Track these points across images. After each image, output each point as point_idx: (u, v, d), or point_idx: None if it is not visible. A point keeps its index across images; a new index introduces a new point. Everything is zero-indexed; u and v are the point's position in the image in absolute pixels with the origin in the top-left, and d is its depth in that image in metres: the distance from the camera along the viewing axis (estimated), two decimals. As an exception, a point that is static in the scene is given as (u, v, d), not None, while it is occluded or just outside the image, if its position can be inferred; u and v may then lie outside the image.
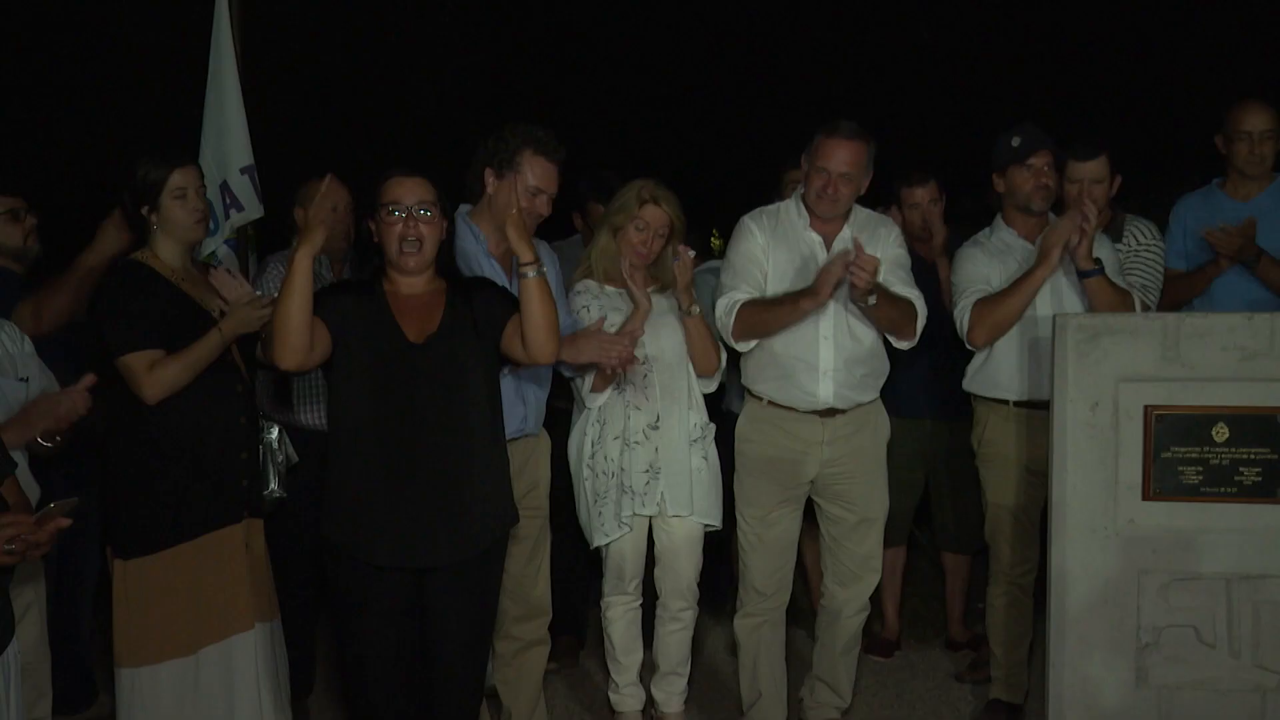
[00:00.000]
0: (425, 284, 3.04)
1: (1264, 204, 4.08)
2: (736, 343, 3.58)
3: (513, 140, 3.37)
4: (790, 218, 3.64)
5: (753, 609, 3.72)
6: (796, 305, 3.43)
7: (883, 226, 3.66)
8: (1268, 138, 4.05)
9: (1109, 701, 3.16)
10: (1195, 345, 3.05)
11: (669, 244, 3.61)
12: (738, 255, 3.62)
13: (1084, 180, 3.87)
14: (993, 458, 3.79)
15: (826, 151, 3.48)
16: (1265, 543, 3.07)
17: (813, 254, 3.58)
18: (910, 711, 4.03)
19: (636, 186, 3.61)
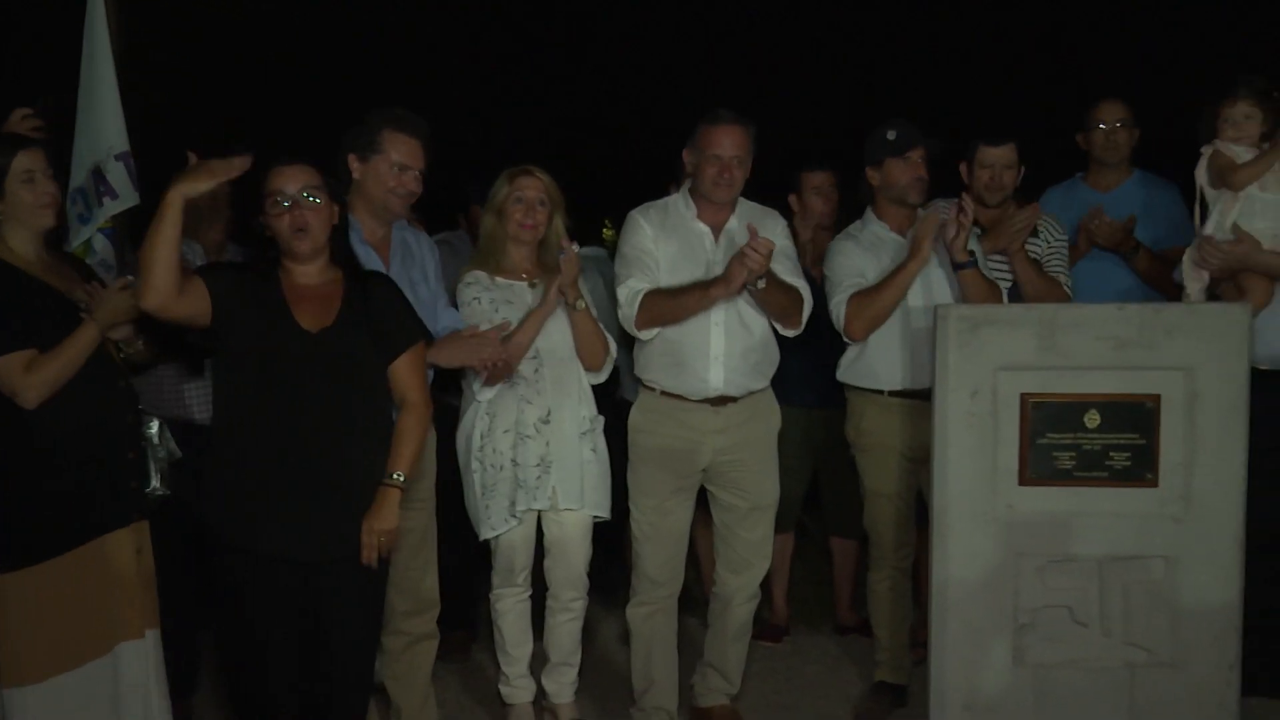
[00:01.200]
0: (321, 273, 3.00)
1: (1124, 196, 4.28)
2: (640, 331, 3.59)
3: (373, 123, 3.37)
4: (678, 210, 3.67)
5: (646, 597, 3.74)
6: (707, 293, 3.47)
7: (768, 218, 3.70)
8: (1122, 128, 4.30)
9: (988, 681, 3.26)
10: (1070, 335, 3.15)
11: (552, 220, 3.61)
12: (630, 248, 3.63)
13: (995, 165, 4.00)
14: (871, 447, 3.86)
15: (715, 139, 3.53)
16: (1135, 525, 3.19)
17: (701, 245, 3.62)
18: (799, 695, 4.10)
19: (505, 170, 3.65)
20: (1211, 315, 3.15)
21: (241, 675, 3.00)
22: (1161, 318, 3.12)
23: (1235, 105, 3.68)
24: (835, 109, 10.08)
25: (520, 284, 3.63)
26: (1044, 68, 10.78)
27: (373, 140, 3.36)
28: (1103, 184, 4.39)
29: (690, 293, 3.50)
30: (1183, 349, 3.12)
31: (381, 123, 3.37)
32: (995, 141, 4.00)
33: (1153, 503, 3.17)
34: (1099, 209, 4.22)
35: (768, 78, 11.60)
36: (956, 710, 3.28)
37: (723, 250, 3.60)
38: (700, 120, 3.60)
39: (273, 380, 2.87)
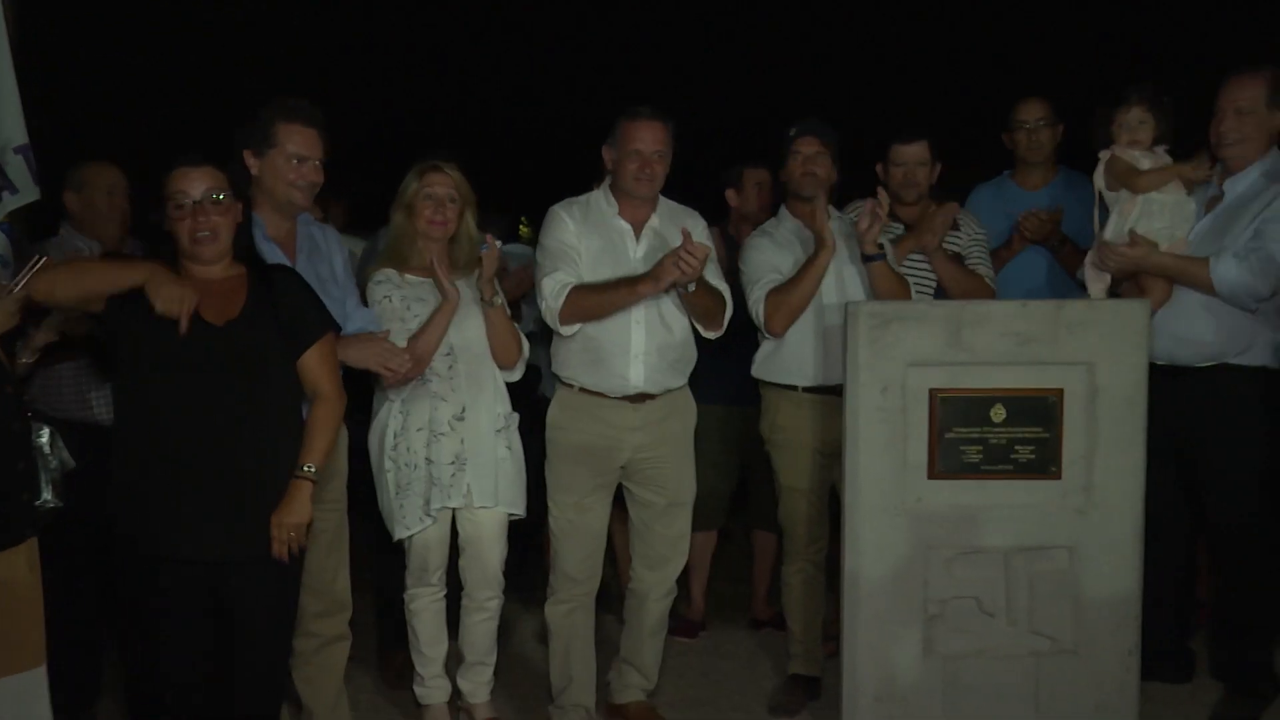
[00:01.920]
0: (224, 270, 2.93)
1: (1051, 193, 4.37)
2: (562, 325, 3.57)
3: (265, 116, 3.29)
4: (600, 207, 3.67)
5: (565, 595, 3.73)
6: (634, 290, 3.47)
7: (689, 218, 3.73)
8: (1043, 126, 4.39)
9: (899, 671, 3.32)
10: (976, 331, 3.23)
11: (463, 216, 3.59)
12: (554, 242, 3.62)
13: (908, 163, 4.05)
14: (785, 443, 3.90)
15: (635, 134, 3.55)
16: (1039, 516, 3.28)
17: (623, 243, 3.63)
18: (715, 690, 4.13)
19: (414, 166, 3.61)
20: (1111, 312, 3.25)
21: (147, 683, 2.92)
22: (1064, 314, 3.21)
23: (1129, 111, 3.79)
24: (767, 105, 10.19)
25: (431, 281, 3.60)
26: (991, 64, 10.99)
27: (266, 134, 3.28)
28: (1030, 182, 4.49)
29: (618, 288, 3.51)
30: (1084, 344, 3.21)
31: (274, 115, 3.29)
32: (907, 140, 4.06)
33: (1056, 495, 3.26)
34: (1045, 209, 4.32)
35: (689, 75, 11.68)
36: (868, 701, 3.34)
37: (644, 249, 3.62)
38: (619, 116, 3.60)
39: (176, 377, 2.80)
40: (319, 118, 3.34)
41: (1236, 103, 3.69)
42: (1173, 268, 3.72)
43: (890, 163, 4.08)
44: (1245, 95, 3.68)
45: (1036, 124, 4.41)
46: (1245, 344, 3.72)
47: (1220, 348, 3.74)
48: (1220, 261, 3.63)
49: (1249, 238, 3.63)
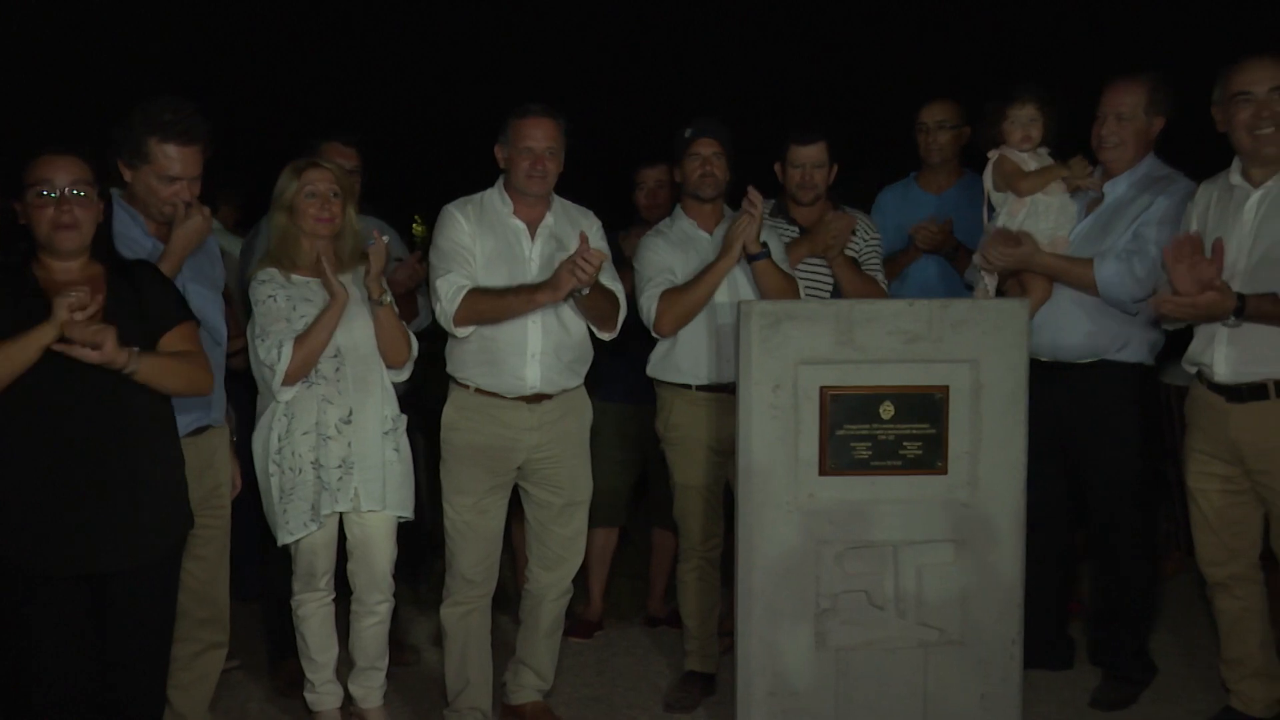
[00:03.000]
0: (83, 268, 2.82)
1: (954, 197, 4.45)
2: (456, 328, 3.54)
3: (138, 129, 3.14)
4: (494, 206, 3.65)
5: (461, 597, 3.70)
6: (532, 298, 3.46)
7: (585, 218, 3.72)
8: (944, 129, 4.46)
9: (792, 665, 3.36)
10: (865, 330, 3.27)
11: (346, 211, 3.52)
12: (448, 242, 3.58)
13: (806, 165, 4.07)
14: (679, 440, 3.92)
15: (526, 131, 3.52)
16: (927, 511, 3.34)
17: (518, 242, 3.61)
18: (611, 688, 4.13)
19: (290, 163, 3.53)
20: (993, 310, 3.32)
21: (24, 699, 2.81)
22: (948, 313, 3.28)
23: (1022, 109, 3.89)
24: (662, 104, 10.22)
25: (317, 280, 3.51)
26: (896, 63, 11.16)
27: (139, 148, 3.14)
28: (933, 185, 4.56)
29: (516, 295, 3.48)
30: (968, 342, 3.28)
31: (147, 129, 3.13)
32: (805, 141, 4.08)
33: (942, 489, 3.33)
34: (932, 219, 4.40)
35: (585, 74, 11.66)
36: (762, 695, 3.37)
37: (539, 248, 3.60)
38: (509, 114, 3.58)
39: (40, 383, 2.68)
40: (198, 131, 3.17)
41: (1117, 108, 3.81)
42: (1056, 268, 3.83)
43: (788, 163, 4.11)
44: (1125, 101, 3.80)
45: (938, 126, 4.47)
46: (1123, 341, 3.85)
47: (1100, 345, 3.86)
48: (1102, 262, 3.75)
49: (1128, 240, 3.75)
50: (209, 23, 11.36)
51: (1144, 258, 3.68)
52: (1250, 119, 3.34)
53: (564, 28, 12.04)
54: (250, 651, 4.22)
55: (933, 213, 4.42)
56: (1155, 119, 3.81)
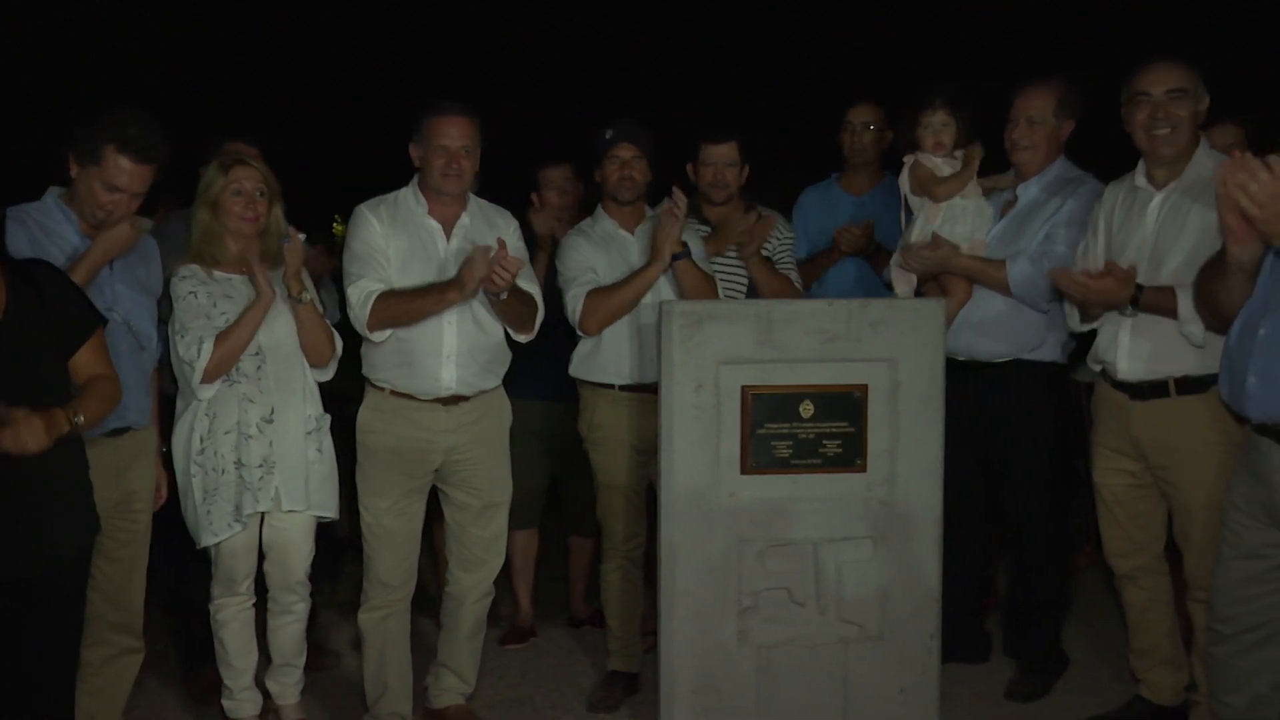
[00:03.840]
0: None
1: (875, 199, 4.50)
2: (371, 333, 3.51)
3: (99, 132, 3.11)
4: (408, 206, 3.61)
5: (379, 601, 3.66)
6: (442, 297, 3.43)
7: (501, 218, 3.71)
8: (868, 130, 4.51)
9: (714, 663, 3.37)
10: (785, 330, 3.30)
11: (272, 209, 3.48)
12: (360, 244, 3.55)
13: (717, 164, 4.09)
14: (603, 441, 3.92)
15: (441, 129, 3.50)
16: (846, 508, 3.38)
17: (433, 242, 3.59)
18: (534, 689, 4.12)
19: (216, 159, 3.49)
20: (910, 310, 3.37)
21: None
22: (867, 312, 3.32)
23: (934, 114, 3.95)
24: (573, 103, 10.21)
25: (239, 277, 3.48)
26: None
27: (94, 151, 3.11)
28: (855, 187, 4.60)
29: (427, 295, 3.46)
30: (886, 342, 3.32)
31: (107, 137, 3.10)
32: (717, 140, 4.10)
33: (861, 487, 3.37)
34: (852, 223, 4.45)
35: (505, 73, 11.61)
36: (685, 693, 3.39)
37: (455, 247, 3.57)
38: (423, 112, 3.55)
39: None
40: (157, 152, 3.16)
41: (1028, 112, 3.89)
42: (972, 269, 3.90)
43: (700, 162, 4.14)
44: (1035, 105, 3.88)
45: (863, 127, 4.52)
46: (1038, 341, 3.93)
47: (1015, 344, 3.94)
48: (1015, 263, 3.83)
49: (1040, 241, 3.83)
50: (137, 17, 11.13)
51: (1054, 258, 3.76)
52: (1147, 119, 3.44)
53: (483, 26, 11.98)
54: (165, 660, 4.13)
55: (852, 214, 4.48)
56: (1065, 122, 3.90)
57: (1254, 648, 3.03)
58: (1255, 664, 3.04)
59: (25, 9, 10.33)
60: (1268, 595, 2.98)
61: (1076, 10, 9.83)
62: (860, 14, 11.27)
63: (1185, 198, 3.42)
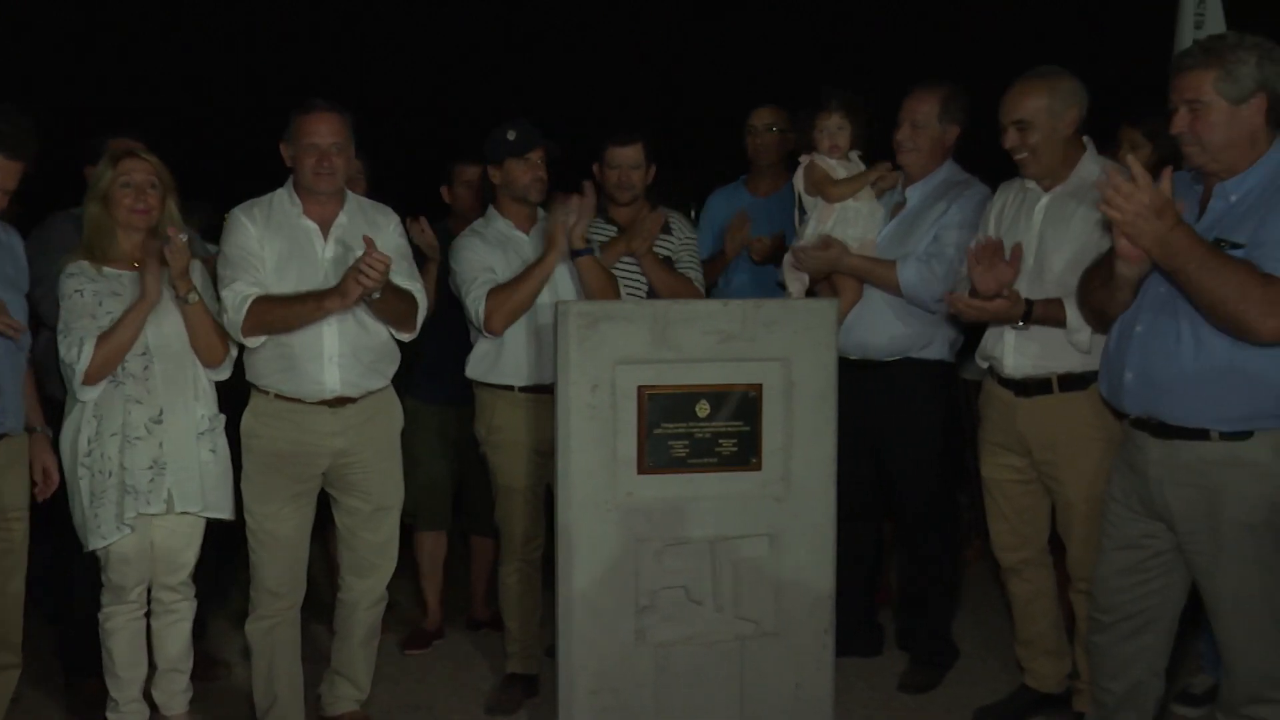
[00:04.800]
0: None
1: (779, 202, 4.53)
2: (246, 339, 3.43)
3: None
4: (283, 207, 3.54)
5: (266, 610, 3.58)
6: (321, 305, 3.37)
7: (381, 215, 3.64)
8: (769, 132, 4.57)
9: (613, 663, 3.37)
10: (681, 330, 3.31)
11: (165, 204, 3.41)
12: (234, 249, 3.46)
13: (623, 165, 4.10)
14: (502, 443, 3.90)
15: (311, 127, 3.44)
16: (742, 507, 3.40)
17: (310, 243, 3.52)
18: (432, 694, 4.08)
19: (107, 152, 3.41)
20: (803, 310, 3.41)
21: None
22: (761, 313, 3.35)
23: (829, 117, 4.02)
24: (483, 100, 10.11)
25: (130, 274, 3.40)
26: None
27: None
28: (760, 189, 4.65)
29: (304, 303, 3.39)
30: (780, 342, 3.36)
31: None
32: (623, 142, 4.11)
33: (756, 485, 3.39)
34: (742, 214, 4.48)
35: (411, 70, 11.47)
36: (583, 694, 3.38)
37: (333, 249, 3.51)
38: (293, 111, 3.48)
39: None
40: (26, 149, 3.12)
41: (912, 116, 3.97)
42: (863, 269, 3.97)
43: (605, 164, 4.14)
44: (920, 110, 3.97)
45: (765, 129, 4.57)
46: (927, 340, 4.02)
47: (905, 343, 4.03)
48: (905, 264, 3.91)
49: (929, 242, 3.92)
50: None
51: (942, 260, 3.85)
52: (1008, 144, 3.54)
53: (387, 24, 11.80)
54: (48, 671, 3.99)
55: (752, 215, 4.52)
56: (949, 127, 3.99)
57: (1132, 635, 3.14)
58: (1133, 651, 3.16)
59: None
60: (1145, 584, 3.10)
61: (987, 14, 10.05)
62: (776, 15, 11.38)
63: (1070, 201, 3.52)
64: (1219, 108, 2.81)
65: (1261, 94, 2.82)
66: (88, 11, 10.89)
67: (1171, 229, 2.69)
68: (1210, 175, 2.91)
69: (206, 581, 3.77)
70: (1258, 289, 2.67)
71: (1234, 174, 2.87)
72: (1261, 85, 2.81)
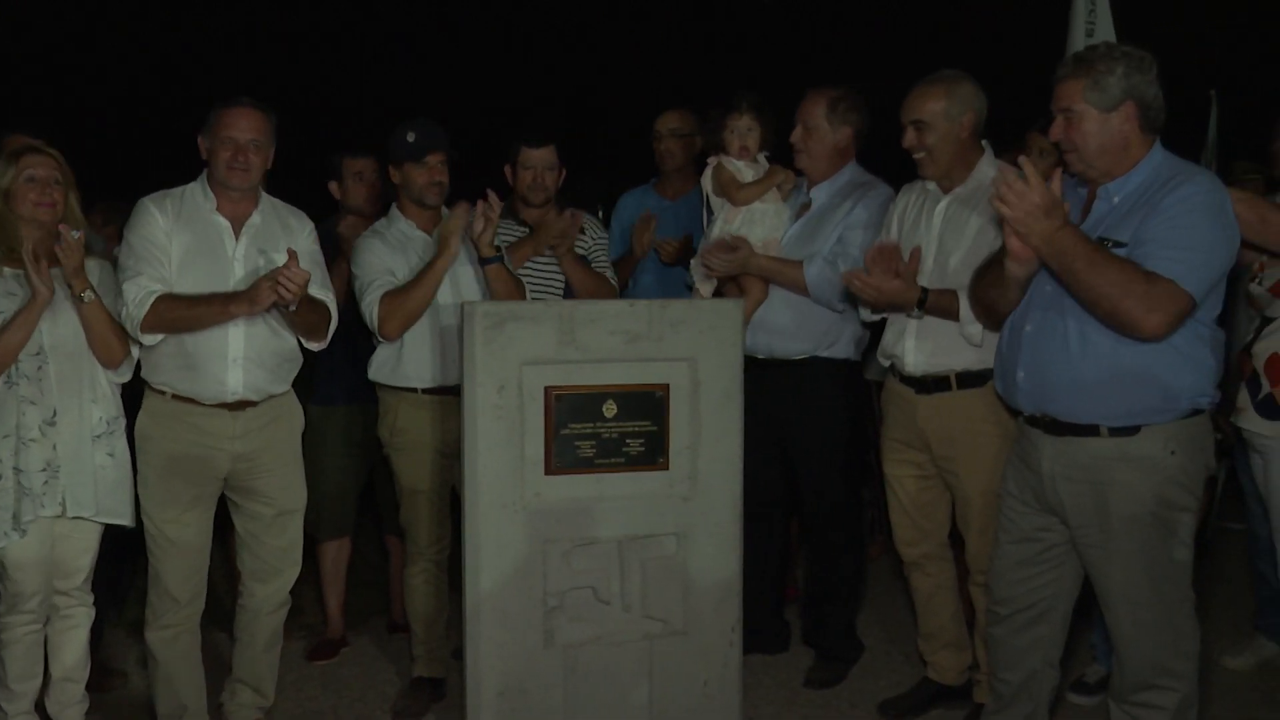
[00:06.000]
0: None
1: (691, 203, 4.57)
2: (143, 336, 3.34)
3: None
4: (195, 201, 3.47)
5: (169, 620, 3.49)
6: (225, 310, 3.30)
7: (295, 218, 3.60)
8: (674, 137, 4.59)
9: (520, 664, 3.36)
10: (588, 330, 3.32)
11: (68, 199, 3.32)
12: (140, 240, 3.38)
13: (536, 167, 4.09)
14: (406, 445, 3.87)
15: (229, 121, 3.38)
16: (649, 506, 3.41)
17: (220, 240, 3.45)
18: (337, 700, 4.02)
19: (5, 149, 3.32)
20: (709, 310, 3.43)
21: None
22: (667, 313, 3.37)
23: (740, 119, 4.05)
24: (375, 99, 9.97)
25: None
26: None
27: None
28: (669, 192, 4.69)
29: (209, 305, 3.31)
30: (686, 341, 3.38)
31: None
32: (536, 143, 4.11)
33: (664, 484, 3.41)
34: (648, 215, 4.50)
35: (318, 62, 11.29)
36: (492, 697, 3.36)
37: (244, 247, 3.45)
38: (214, 105, 3.43)
39: None
40: None
41: (803, 118, 4.03)
42: (770, 269, 4.02)
43: (519, 165, 4.13)
44: (809, 112, 4.02)
45: (670, 134, 4.60)
46: (833, 339, 4.08)
47: (812, 342, 4.08)
48: (811, 264, 3.96)
49: (834, 243, 3.98)
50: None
51: (847, 260, 3.91)
52: (906, 145, 3.62)
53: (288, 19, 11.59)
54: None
55: (661, 217, 4.55)
56: (841, 129, 4.04)
57: (1028, 626, 3.23)
58: (1029, 642, 3.24)
59: None
60: (1039, 577, 3.19)
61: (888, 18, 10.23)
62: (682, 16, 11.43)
63: (967, 202, 3.61)
64: (1090, 115, 2.93)
65: (1130, 102, 2.92)
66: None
67: (1059, 228, 2.78)
68: (1090, 180, 3.01)
69: (104, 589, 3.67)
70: (1141, 285, 2.76)
71: (1112, 178, 2.98)
72: (1128, 94, 2.92)
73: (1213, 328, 2.97)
